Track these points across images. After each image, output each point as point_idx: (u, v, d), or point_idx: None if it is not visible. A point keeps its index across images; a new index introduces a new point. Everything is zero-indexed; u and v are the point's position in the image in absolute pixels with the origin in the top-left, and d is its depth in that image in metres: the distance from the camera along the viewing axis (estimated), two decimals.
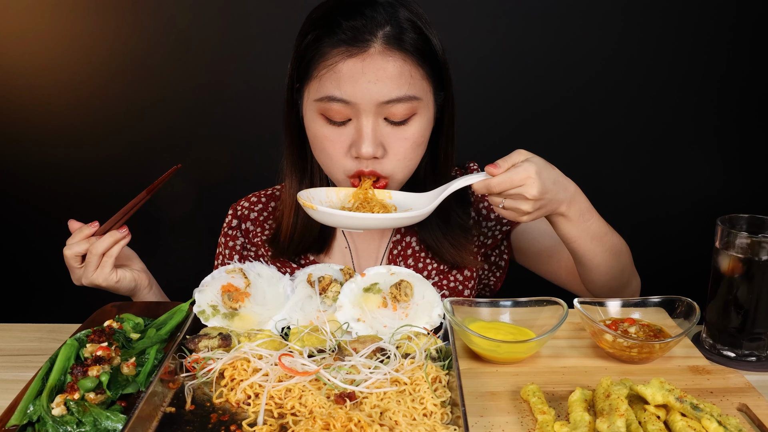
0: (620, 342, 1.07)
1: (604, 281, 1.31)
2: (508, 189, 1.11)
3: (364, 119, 1.18)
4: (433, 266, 1.44)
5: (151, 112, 2.36)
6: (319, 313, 1.15)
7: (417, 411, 0.90)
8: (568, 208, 1.18)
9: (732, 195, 2.43)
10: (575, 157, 2.36)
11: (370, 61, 1.15)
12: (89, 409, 0.90)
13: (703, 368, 1.08)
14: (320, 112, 1.20)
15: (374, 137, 1.19)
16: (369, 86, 1.15)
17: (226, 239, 1.50)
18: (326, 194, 1.25)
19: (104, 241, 1.27)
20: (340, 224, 1.15)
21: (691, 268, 1.84)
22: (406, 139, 1.21)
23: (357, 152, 1.20)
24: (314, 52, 1.19)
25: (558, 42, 2.29)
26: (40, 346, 1.21)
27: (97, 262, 1.27)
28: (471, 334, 1.06)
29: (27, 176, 2.45)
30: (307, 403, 0.92)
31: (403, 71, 1.17)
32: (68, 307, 1.59)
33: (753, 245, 1.12)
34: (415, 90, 1.19)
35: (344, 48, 1.16)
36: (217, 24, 2.29)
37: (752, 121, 2.39)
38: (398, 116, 1.19)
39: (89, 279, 1.29)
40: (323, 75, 1.18)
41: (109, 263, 1.28)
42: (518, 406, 0.97)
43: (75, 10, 2.26)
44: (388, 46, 1.16)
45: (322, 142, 1.23)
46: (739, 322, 1.15)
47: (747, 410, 0.96)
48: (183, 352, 1.05)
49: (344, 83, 1.16)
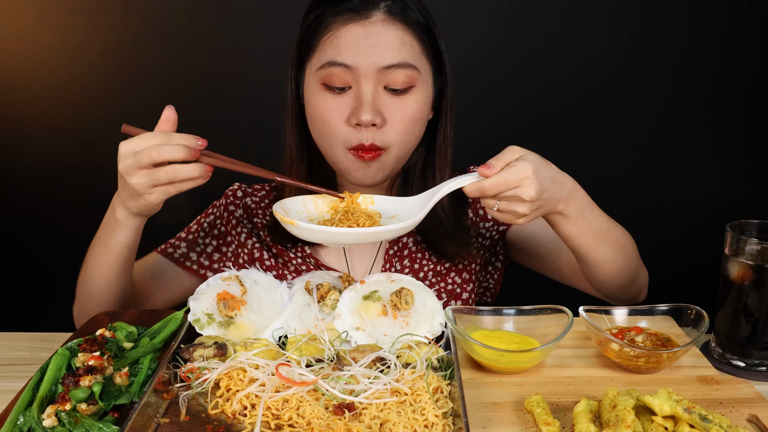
0: (627, 351, 1.07)
1: (611, 278, 1.28)
2: (503, 191, 1.07)
3: (364, 85, 1.22)
4: (430, 267, 1.44)
5: (146, 112, 2.34)
6: (318, 322, 1.14)
7: (418, 422, 0.90)
8: (566, 206, 1.16)
9: (742, 200, 2.43)
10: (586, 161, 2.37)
11: (372, 27, 1.21)
12: (81, 420, 0.90)
13: (712, 378, 1.08)
14: (321, 81, 1.24)
15: (374, 104, 1.22)
16: (370, 51, 1.21)
17: (227, 202, 1.50)
18: (303, 204, 1.21)
19: (193, 169, 1.08)
20: (324, 241, 1.12)
21: (700, 275, 1.83)
22: (405, 110, 1.25)
23: (357, 119, 1.22)
24: (317, 24, 1.25)
25: (568, 43, 2.29)
26: (30, 356, 1.21)
27: (165, 182, 1.08)
28: (473, 343, 1.06)
29: (16, 181, 2.44)
30: (305, 414, 0.92)
31: (404, 40, 1.23)
32: (59, 316, 1.58)
33: (763, 252, 1.12)
34: (415, 60, 1.24)
35: (347, 15, 1.22)
36: (214, 22, 2.29)
37: (764, 125, 2.39)
38: (398, 83, 1.22)
39: (141, 186, 1.08)
40: (325, 42, 1.24)
41: (170, 192, 1.10)
42: (522, 417, 0.97)
43: (67, 11, 2.26)
44: (390, 16, 1.23)
45: (323, 113, 1.25)
46: (749, 330, 1.15)
47: (757, 421, 0.96)
48: (177, 361, 1.05)
49: (345, 48, 1.21)
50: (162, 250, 1.49)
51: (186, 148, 1.07)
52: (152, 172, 1.07)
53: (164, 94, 2.33)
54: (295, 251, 1.44)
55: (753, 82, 2.33)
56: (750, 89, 2.34)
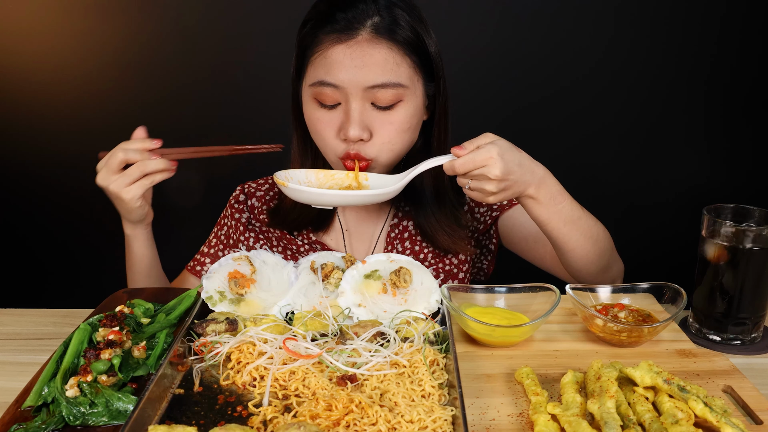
0: (610, 326, 1.07)
1: (582, 265, 1.29)
2: (471, 169, 1.10)
3: (352, 103, 1.20)
4: (429, 249, 1.44)
5: (160, 107, 2.36)
6: (322, 299, 1.14)
7: (416, 392, 0.90)
8: (537, 191, 1.17)
9: (718, 185, 2.44)
10: (570, 149, 2.37)
11: (357, 47, 1.18)
12: (101, 391, 0.90)
13: (689, 351, 1.08)
14: (314, 96, 1.23)
15: (360, 120, 1.20)
16: (355, 71, 1.18)
17: (232, 211, 1.50)
18: (305, 175, 1.25)
19: (158, 163, 1.18)
20: (310, 200, 1.15)
21: (681, 256, 1.83)
22: (392, 123, 1.22)
23: (345, 134, 1.21)
24: (310, 40, 1.22)
25: (556, 42, 2.29)
26: (54, 331, 1.21)
27: (137, 178, 1.17)
28: (467, 319, 1.06)
29: (41, 168, 2.45)
30: (310, 385, 0.92)
31: (389, 59, 1.19)
32: (81, 294, 1.59)
33: (738, 234, 1.11)
34: (401, 78, 1.20)
35: (335, 36, 1.19)
36: (223, 21, 2.28)
37: (738, 116, 2.39)
38: (384, 101, 1.20)
39: (117, 187, 1.17)
40: (316, 61, 1.21)
41: (145, 185, 1.18)
42: (512, 388, 0.97)
43: (86, 11, 2.26)
44: (375, 35, 1.18)
45: (315, 125, 1.25)
46: (725, 307, 1.15)
47: (732, 392, 0.96)
48: (191, 336, 1.05)
49: (333, 68, 1.18)
50: (191, 269, 1.50)
51: (143, 148, 1.17)
52: (125, 173, 1.17)
53: (177, 90, 2.34)
54: (302, 239, 1.43)
55: (727, 77, 2.35)
56: (724, 82, 2.36)
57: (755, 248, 1.10)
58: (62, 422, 0.87)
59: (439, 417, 0.84)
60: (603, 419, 0.83)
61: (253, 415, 0.87)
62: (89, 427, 0.87)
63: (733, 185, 2.44)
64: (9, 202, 2.49)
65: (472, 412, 0.90)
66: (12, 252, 2.55)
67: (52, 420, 0.86)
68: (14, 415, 0.88)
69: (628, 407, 0.87)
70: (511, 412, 0.91)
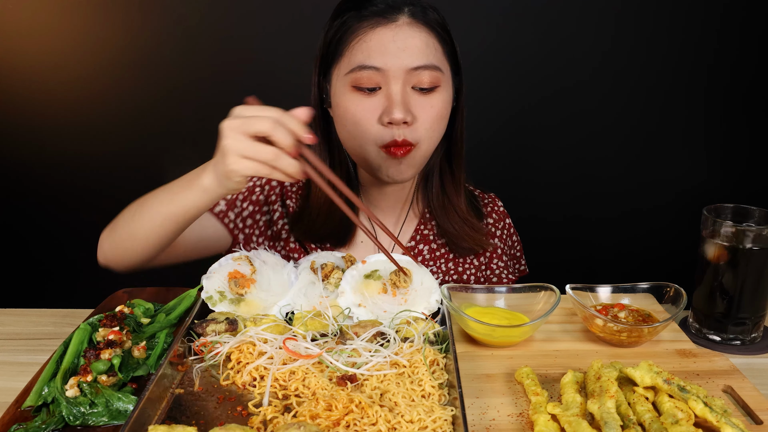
0: (610, 326, 1.07)
1: None
2: None
3: (394, 86, 1.20)
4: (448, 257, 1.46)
5: (160, 107, 2.35)
6: (322, 299, 1.14)
7: (416, 392, 0.90)
8: None
9: (718, 186, 2.44)
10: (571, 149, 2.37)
11: (399, 30, 1.19)
12: (101, 391, 0.90)
13: (689, 351, 1.08)
14: (351, 84, 1.22)
15: (404, 103, 1.20)
16: (398, 53, 1.18)
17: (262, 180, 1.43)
18: None
19: (290, 166, 0.96)
20: None
21: (683, 256, 1.84)
22: (432, 107, 1.23)
23: (389, 117, 1.20)
24: (344, 30, 1.22)
25: (559, 44, 2.30)
26: (54, 331, 1.21)
27: (261, 160, 0.95)
28: (467, 319, 1.06)
29: (41, 168, 2.44)
30: (310, 385, 0.92)
31: (429, 42, 1.21)
32: (81, 294, 1.58)
33: (737, 234, 1.11)
34: (438, 62, 1.23)
35: (374, 20, 1.20)
36: (225, 20, 2.27)
37: (737, 117, 2.40)
38: (425, 83, 1.21)
39: (234, 150, 0.95)
40: (354, 47, 1.21)
41: (259, 172, 0.97)
42: (513, 388, 0.97)
43: (87, 9, 2.26)
44: (414, 20, 1.21)
45: (354, 113, 1.22)
46: (725, 307, 1.15)
47: (732, 392, 0.96)
48: (191, 336, 1.04)
49: (374, 51, 1.19)
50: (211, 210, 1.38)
51: (293, 139, 0.96)
52: (254, 145, 0.95)
53: (179, 89, 2.33)
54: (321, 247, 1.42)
55: (727, 78, 2.36)
56: (724, 83, 2.36)
57: (755, 248, 1.10)
58: (62, 422, 0.87)
59: (439, 417, 0.84)
60: (603, 419, 0.83)
61: (253, 415, 0.87)
62: (89, 427, 0.87)
63: (733, 185, 2.45)
64: (9, 202, 2.49)
65: (472, 412, 0.90)
66: (12, 252, 2.55)
67: (52, 420, 0.86)
68: (14, 415, 0.88)
69: (628, 407, 0.87)
70: (511, 412, 0.91)
